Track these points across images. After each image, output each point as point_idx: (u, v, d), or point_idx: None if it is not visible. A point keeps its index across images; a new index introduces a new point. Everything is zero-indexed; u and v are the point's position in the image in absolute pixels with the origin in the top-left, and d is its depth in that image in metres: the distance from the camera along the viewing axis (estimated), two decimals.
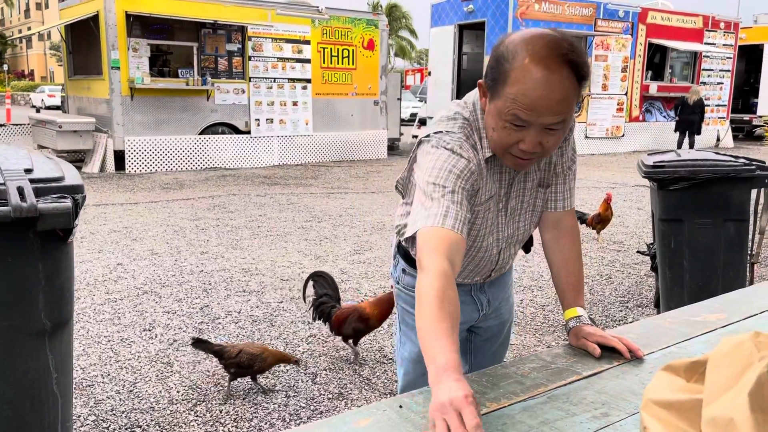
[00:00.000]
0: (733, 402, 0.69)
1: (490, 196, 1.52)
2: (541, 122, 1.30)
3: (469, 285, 1.76)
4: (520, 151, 1.36)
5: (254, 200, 8.30)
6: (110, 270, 5.04)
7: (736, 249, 3.52)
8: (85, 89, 11.79)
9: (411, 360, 1.84)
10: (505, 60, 1.31)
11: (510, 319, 1.96)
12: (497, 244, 1.64)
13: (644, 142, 16.08)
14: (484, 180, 1.48)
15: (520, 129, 1.33)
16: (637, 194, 9.14)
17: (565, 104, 1.29)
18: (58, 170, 1.79)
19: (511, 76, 1.29)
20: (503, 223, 1.60)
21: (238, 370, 3.00)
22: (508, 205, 1.58)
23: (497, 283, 1.82)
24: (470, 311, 1.78)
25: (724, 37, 17.16)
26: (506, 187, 1.55)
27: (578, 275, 1.64)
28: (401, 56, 48.38)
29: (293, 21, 12.04)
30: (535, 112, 1.28)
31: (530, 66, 1.27)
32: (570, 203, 1.65)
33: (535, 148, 1.34)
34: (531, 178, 1.58)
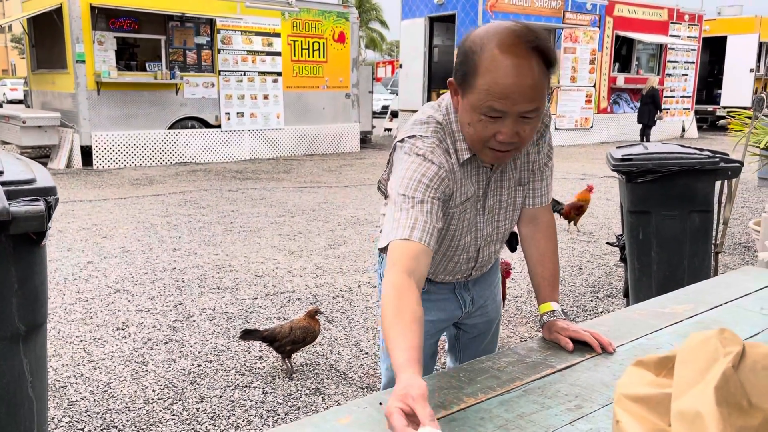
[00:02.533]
0: (700, 396, 0.73)
1: (466, 198, 1.54)
2: (516, 110, 1.31)
3: (452, 283, 1.78)
4: (498, 143, 1.37)
5: (226, 195, 8.24)
6: (80, 268, 4.97)
7: (701, 239, 3.62)
8: (50, 83, 11.52)
9: None
10: (473, 53, 1.32)
11: (497, 318, 1.99)
12: (475, 242, 1.66)
13: (612, 133, 16.35)
14: (459, 183, 1.50)
15: (496, 120, 1.34)
16: (606, 185, 9.31)
17: (537, 90, 1.30)
18: (29, 172, 1.77)
19: (482, 67, 1.30)
20: (482, 222, 1.62)
21: (294, 347, 3.21)
22: (485, 205, 1.60)
23: (481, 282, 1.84)
24: (453, 309, 1.81)
25: (688, 29, 17.50)
26: (483, 187, 1.57)
27: (554, 270, 1.68)
28: (372, 48, 48.21)
29: (263, 13, 11.93)
30: (509, 100, 1.30)
31: (499, 55, 1.28)
32: (547, 199, 1.69)
33: (513, 138, 1.35)
34: (508, 177, 1.60)
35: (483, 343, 1.97)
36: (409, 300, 1.29)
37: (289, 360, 3.27)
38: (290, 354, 3.25)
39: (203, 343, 3.61)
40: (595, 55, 15.62)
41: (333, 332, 3.80)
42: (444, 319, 1.82)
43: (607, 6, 15.60)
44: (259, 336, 3.20)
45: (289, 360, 3.27)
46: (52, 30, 10.74)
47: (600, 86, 15.96)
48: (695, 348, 0.80)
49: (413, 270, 1.34)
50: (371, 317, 4.05)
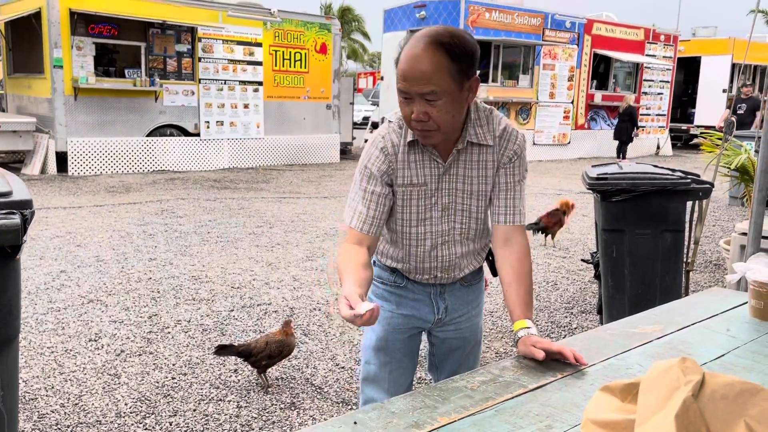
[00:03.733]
0: (662, 423, 0.75)
1: (410, 182, 1.73)
2: (416, 91, 1.54)
3: (429, 286, 1.89)
4: (414, 122, 1.59)
5: (204, 205, 8.19)
6: (53, 278, 4.90)
7: (673, 258, 3.70)
8: (26, 88, 11.38)
9: (372, 348, 2.00)
10: (401, 47, 1.60)
11: (474, 341, 2.04)
12: (431, 237, 1.79)
13: (589, 149, 16.59)
14: (403, 164, 1.71)
15: (408, 101, 1.57)
16: (582, 201, 9.43)
17: (432, 75, 1.52)
18: (5, 184, 1.76)
19: (400, 56, 1.57)
20: (435, 217, 1.77)
21: (270, 361, 3.18)
22: (440, 201, 1.75)
23: (458, 296, 1.93)
24: (427, 312, 1.92)
25: (664, 49, 17.88)
26: (435, 182, 1.74)
27: (528, 290, 1.73)
28: (353, 59, 48.38)
29: (245, 23, 11.93)
30: (407, 81, 1.54)
31: (406, 47, 1.56)
32: (517, 219, 1.77)
33: (423, 117, 1.56)
34: (463, 182, 1.75)
35: (458, 361, 2.00)
36: (356, 254, 1.68)
37: (264, 374, 3.26)
38: (266, 368, 3.24)
39: (178, 356, 3.58)
40: (574, 72, 15.88)
41: (309, 346, 3.80)
42: (417, 317, 1.93)
43: (585, 24, 15.89)
44: (234, 351, 3.18)
45: (264, 374, 3.26)
46: (30, 34, 10.62)
47: (578, 103, 16.21)
48: (658, 376, 0.82)
49: (359, 243, 1.71)
50: (348, 331, 4.06)
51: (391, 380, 1.99)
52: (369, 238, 1.72)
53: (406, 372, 2.03)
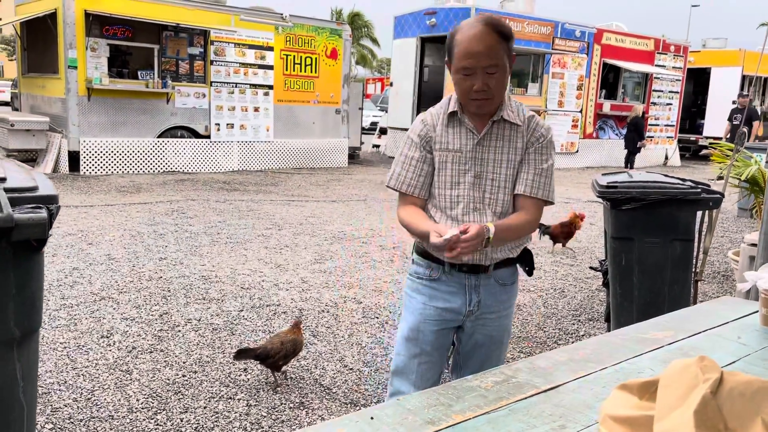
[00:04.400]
0: (681, 419, 0.78)
1: (446, 148, 2.01)
2: (481, 65, 1.86)
3: (464, 278, 2.05)
4: (474, 92, 1.90)
5: (213, 206, 8.24)
6: (65, 275, 4.95)
7: (682, 267, 3.71)
8: (40, 87, 11.48)
9: (403, 338, 2.15)
10: (451, 36, 1.93)
11: (499, 341, 2.15)
12: (463, 201, 2.01)
13: (597, 158, 16.58)
14: (441, 132, 2.02)
15: (468, 77, 1.89)
16: (590, 210, 9.43)
17: (492, 51, 1.86)
18: (31, 180, 1.80)
19: (456, 41, 1.90)
20: (468, 182, 2.00)
21: (285, 360, 3.24)
22: (473, 169, 2.00)
23: (492, 293, 2.07)
24: (460, 304, 2.07)
25: (673, 59, 17.87)
26: (470, 151, 2.00)
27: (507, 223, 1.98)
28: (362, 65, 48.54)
29: (257, 27, 12.01)
30: (472, 57, 1.86)
31: (466, 30, 1.89)
32: (537, 192, 2.01)
33: (484, 87, 1.88)
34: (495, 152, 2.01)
35: (482, 360, 2.10)
36: (414, 209, 2.02)
37: (277, 373, 3.30)
38: (281, 368, 3.28)
39: (188, 354, 3.62)
40: (583, 81, 15.89)
41: (318, 347, 3.82)
42: (449, 310, 2.07)
43: (595, 34, 15.91)
44: (252, 354, 3.22)
45: (277, 373, 3.30)
46: (46, 34, 10.73)
47: (586, 112, 16.22)
48: (677, 374, 0.85)
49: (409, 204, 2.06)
50: (356, 333, 4.09)
51: (418, 373, 2.10)
52: (412, 198, 2.04)
53: (433, 367, 2.13)
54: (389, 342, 3.97)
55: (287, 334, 3.30)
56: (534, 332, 4.29)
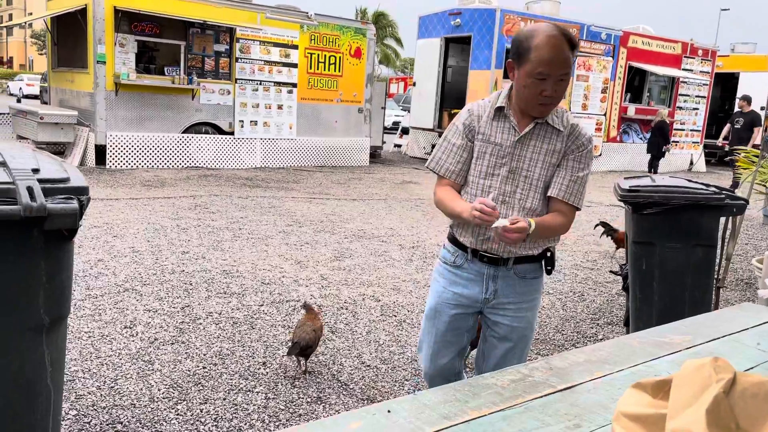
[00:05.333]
0: (693, 417, 0.80)
1: (487, 140, 2.13)
2: (557, 73, 1.98)
3: (484, 267, 2.17)
4: (543, 97, 2.01)
5: (236, 202, 8.33)
6: (90, 266, 5.05)
7: (704, 273, 3.68)
8: (69, 81, 11.70)
9: (425, 316, 2.36)
10: (525, 39, 2.01)
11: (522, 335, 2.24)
12: (494, 191, 2.11)
13: (621, 162, 16.43)
14: (484, 124, 2.13)
15: (540, 82, 1.99)
16: (611, 214, 9.36)
17: (568, 60, 1.99)
18: (62, 171, 1.85)
19: (533, 45, 1.98)
20: (502, 176, 2.12)
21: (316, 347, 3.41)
22: (509, 163, 2.11)
23: (510, 284, 2.18)
24: (477, 291, 2.20)
25: (701, 63, 17.63)
26: (509, 146, 2.11)
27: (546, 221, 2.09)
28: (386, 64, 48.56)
29: (282, 25, 12.11)
30: (551, 65, 1.97)
31: (546, 38, 1.97)
32: (571, 198, 2.12)
33: (553, 93, 2.00)
34: (532, 152, 2.11)
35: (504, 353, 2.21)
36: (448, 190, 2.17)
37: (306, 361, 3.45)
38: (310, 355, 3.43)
39: (208, 346, 3.68)
40: (608, 84, 15.75)
41: (336, 343, 3.86)
42: (465, 296, 2.22)
43: (621, 37, 15.75)
44: (299, 348, 3.29)
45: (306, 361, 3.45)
46: (75, 30, 10.92)
47: (610, 115, 16.07)
48: (690, 374, 0.86)
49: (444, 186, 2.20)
50: (374, 330, 4.12)
51: (433, 349, 2.28)
52: (448, 182, 2.19)
53: (447, 347, 2.28)
54: (407, 340, 3.99)
55: (312, 321, 3.39)
56: (552, 335, 4.28)
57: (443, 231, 7.33)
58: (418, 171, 13.44)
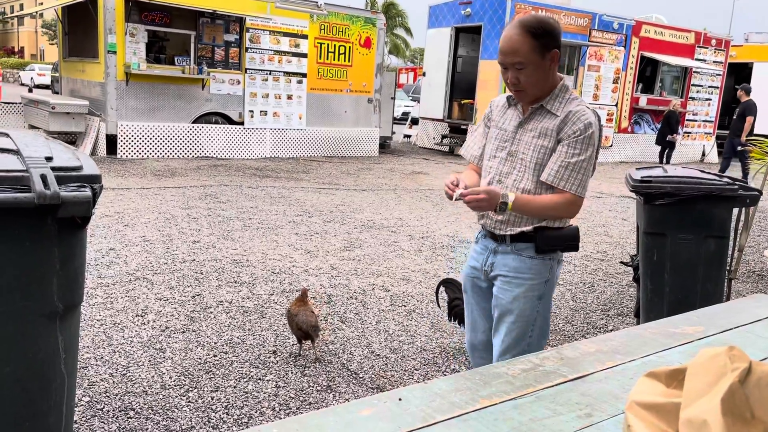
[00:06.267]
0: (708, 406, 0.79)
1: (497, 125, 2.30)
2: (508, 61, 2.10)
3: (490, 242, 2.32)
4: (511, 84, 2.15)
5: (246, 192, 8.35)
6: (102, 254, 5.09)
7: (716, 265, 3.66)
8: (80, 71, 11.74)
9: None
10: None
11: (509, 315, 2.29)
12: (494, 172, 2.26)
13: (632, 153, 16.32)
14: (499, 113, 2.32)
15: (505, 70, 2.14)
16: (622, 205, 9.32)
17: (517, 50, 2.07)
18: (75, 159, 1.86)
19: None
20: (501, 157, 2.25)
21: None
22: (510, 147, 2.24)
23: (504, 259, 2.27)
24: (480, 262, 2.37)
25: (714, 54, 17.43)
26: (512, 130, 2.24)
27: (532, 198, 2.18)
28: (395, 54, 48.39)
29: (292, 15, 12.08)
30: (503, 55, 2.11)
31: (505, 29, 2.13)
32: (560, 184, 2.15)
33: (514, 81, 2.12)
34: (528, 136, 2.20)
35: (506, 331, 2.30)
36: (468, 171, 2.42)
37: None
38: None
39: (219, 335, 3.70)
40: (619, 74, 15.61)
41: (346, 332, 3.87)
42: (473, 267, 2.41)
43: (633, 26, 15.60)
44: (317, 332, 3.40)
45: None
46: (86, 19, 10.95)
47: (622, 106, 15.95)
48: (705, 362, 0.86)
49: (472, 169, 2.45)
50: (384, 320, 4.13)
51: (468, 320, 2.50)
52: (472, 165, 2.43)
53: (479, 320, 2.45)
54: (416, 330, 4.00)
55: (306, 305, 3.45)
56: (562, 326, 4.27)
57: (452, 222, 7.32)
58: (428, 161, 13.41)
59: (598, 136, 2.19)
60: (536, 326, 2.30)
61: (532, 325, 2.29)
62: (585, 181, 2.18)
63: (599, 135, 2.20)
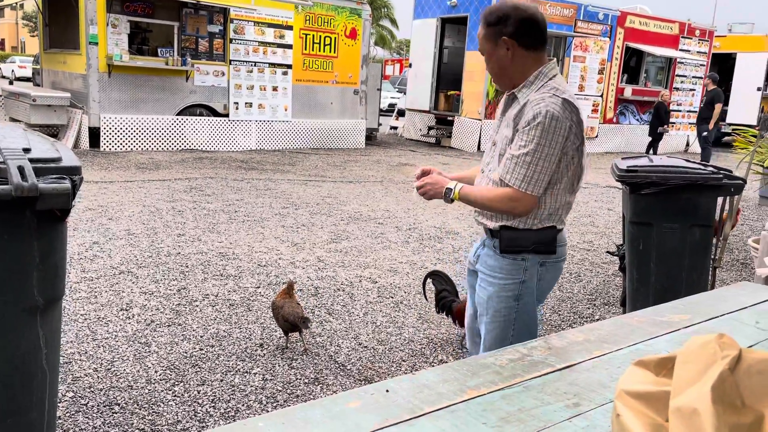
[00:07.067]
0: (697, 394, 0.78)
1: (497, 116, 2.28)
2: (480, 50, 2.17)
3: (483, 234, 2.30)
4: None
5: (231, 184, 8.29)
6: (86, 248, 5.03)
7: (701, 253, 3.68)
8: (61, 63, 11.57)
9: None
10: None
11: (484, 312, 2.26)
12: (483, 162, 2.27)
13: (617, 143, 16.40)
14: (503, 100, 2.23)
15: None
16: (608, 195, 9.37)
17: (479, 39, 2.13)
18: (54, 151, 1.82)
19: None
20: (489, 147, 2.24)
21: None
22: (494, 137, 2.22)
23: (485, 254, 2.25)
24: (474, 245, 2.38)
25: (698, 44, 17.54)
26: (497, 120, 2.23)
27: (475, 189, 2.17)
28: (381, 45, 48.22)
29: (276, 6, 11.97)
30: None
31: None
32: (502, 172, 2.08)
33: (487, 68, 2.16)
34: (503, 125, 2.16)
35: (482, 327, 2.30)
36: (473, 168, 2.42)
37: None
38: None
39: (205, 328, 3.67)
40: (604, 65, 15.66)
41: (333, 324, 3.86)
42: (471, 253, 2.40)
43: (619, 17, 15.64)
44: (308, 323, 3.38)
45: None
46: (67, 10, 10.78)
47: (607, 96, 16.01)
48: (695, 350, 0.85)
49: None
50: (371, 311, 4.11)
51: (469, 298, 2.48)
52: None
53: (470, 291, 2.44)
54: (404, 321, 3.99)
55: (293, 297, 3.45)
56: (549, 315, 4.29)
57: (439, 213, 7.32)
58: (415, 153, 13.39)
59: (564, 127, 2.01)
60: (516, 328, 2.21)
61: (512, 326, 2.20)
62: (531, 176, 2.02)
63: (566, 126, 2.01)
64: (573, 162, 2.10)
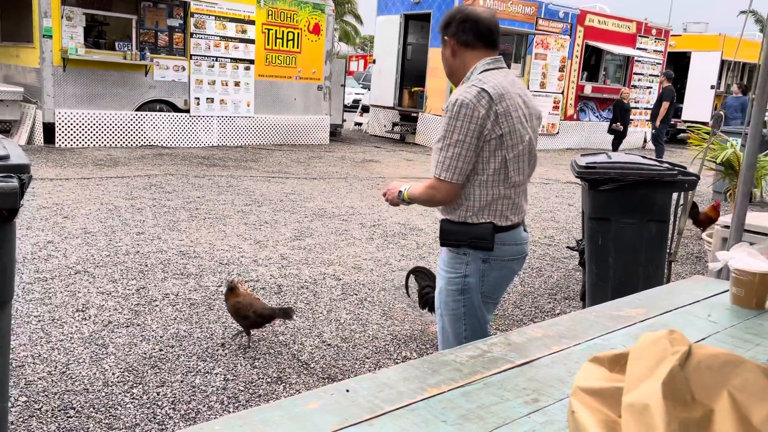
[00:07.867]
0: (649, 390, 0.79)
1: None
2: None
3: None
4: None
5: (192, 181, 8.16)
6: (39, 248, 4.88)
7: (657, 248, 3.76)
8: (14, 57, 11.19)
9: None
10: None
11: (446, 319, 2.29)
12: None
13: (577, 140, 16.68)
14: None
15: None
16: (568, 191, 9.52)
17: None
18: (2, 148, 1.76)
19: None
20: None
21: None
22: None
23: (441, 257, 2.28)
24: None
25: (655, 43, 17.95)
26: None
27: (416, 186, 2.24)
28: (345, 41, 48.03)
29: (238, 0, 11.80)
30: None
31: None
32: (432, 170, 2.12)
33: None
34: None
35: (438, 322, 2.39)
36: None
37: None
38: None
39: (165, 328, 3.60)
40: (565, 62, 15.90)
41: (296, 322, 3.83)
42: None
43: (578, 15, 15.90)
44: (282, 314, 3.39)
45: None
46: (20, 2, 10.43)
47: (568, 94, 16.27)
48: (647, 346, 0.86)
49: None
50: (335, 309, 4.10)
51: None
52: None
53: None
54: (368, 319, 3.99)
55: (247, 293, 3.47)
56: (510, 310, 4.34)
57: (403, 209, 7.33)
58: (379, 149, 13.39)
59: (477, 114, 1.99)
60: (468, 323, 2.20)
61: (462, 321, 2.20)
62: (443, 162, 2.03)
63: (478, 113, 2.00)
64: (498, 152, 2.05)
